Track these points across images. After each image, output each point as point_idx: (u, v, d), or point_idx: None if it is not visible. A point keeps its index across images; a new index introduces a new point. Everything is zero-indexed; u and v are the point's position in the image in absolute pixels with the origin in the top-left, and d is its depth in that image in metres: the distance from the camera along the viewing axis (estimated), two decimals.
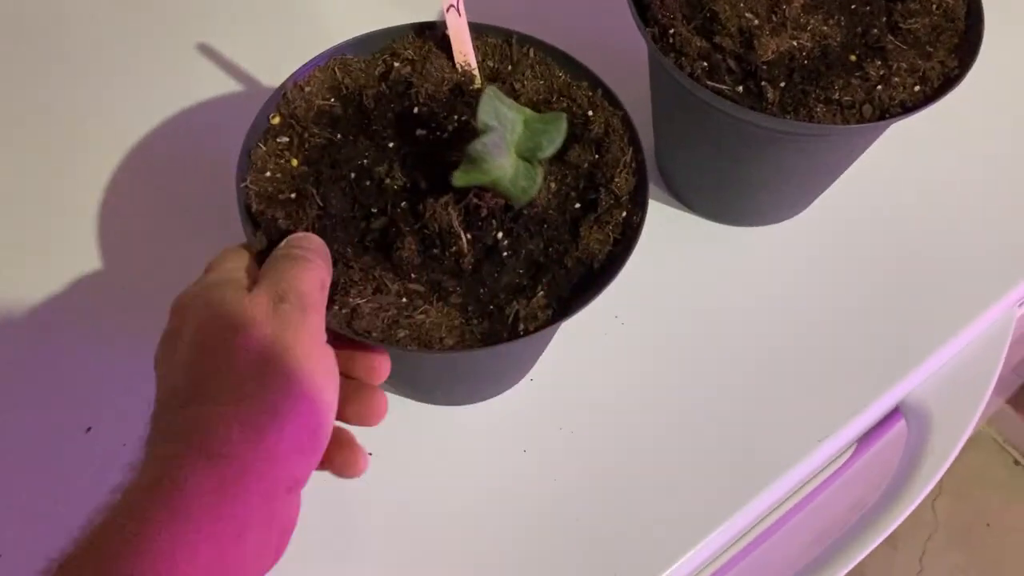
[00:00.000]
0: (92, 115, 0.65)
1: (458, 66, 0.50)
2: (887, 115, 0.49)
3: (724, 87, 0.50)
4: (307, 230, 0.43)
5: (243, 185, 0.44)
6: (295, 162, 0.46)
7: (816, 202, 0.62)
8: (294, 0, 0.72)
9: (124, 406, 0.53)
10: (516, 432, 0.54)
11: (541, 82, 0.49)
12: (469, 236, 0.44)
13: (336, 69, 0.49)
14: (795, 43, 0.51)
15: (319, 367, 0.36)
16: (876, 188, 0.63)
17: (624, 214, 0.45)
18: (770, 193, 0.58)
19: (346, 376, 0.41)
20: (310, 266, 0.39)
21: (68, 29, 0.70)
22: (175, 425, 0.34)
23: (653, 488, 0.52)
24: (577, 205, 0.46)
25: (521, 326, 0.41)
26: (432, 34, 0.50)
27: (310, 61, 0.49)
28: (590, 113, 0.48)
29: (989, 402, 1.38)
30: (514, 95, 0.48)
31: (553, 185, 0.46)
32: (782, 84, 0.50)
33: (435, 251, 0.44)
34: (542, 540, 0.50)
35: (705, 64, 0.50)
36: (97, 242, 0.59)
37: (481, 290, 0.43)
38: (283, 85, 0.48)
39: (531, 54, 0.50)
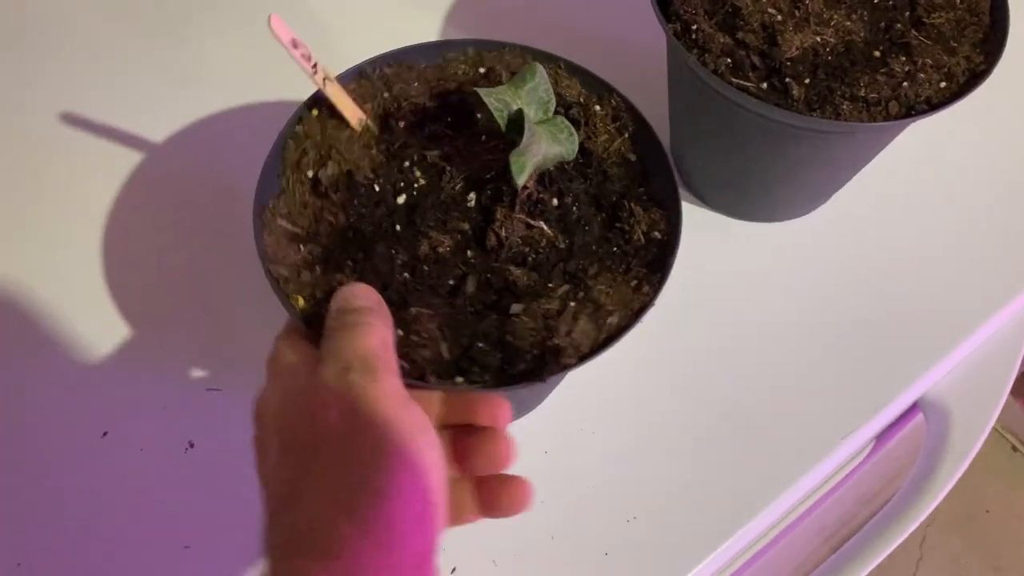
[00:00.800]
0: (96, 127, 0.64)
1: (349, 120, 0.46)
2: (913, 112, 0.49)
3: (749, 84, 0.49)
4: None
5: (268, 267, 0.41)
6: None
7: (835, 198, 0.61)
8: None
9: (140, 411, 0.53)
10: (538, 433, 0.53)
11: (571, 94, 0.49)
12: (541, 223, 0.43)
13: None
14: (819, 39, 0.51)
15: (408, 428, 0.33)
16: (895, 184, 0.63)
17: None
18: (790, 189, 0.57)
19: (470, 424, 0.39)
20: (366, 329, 0.36)
21: (75, 37, 0.69)
22: (285, 534, 0.33)
23: (676, 488, 0.52)
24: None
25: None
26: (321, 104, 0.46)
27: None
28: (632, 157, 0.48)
29: None
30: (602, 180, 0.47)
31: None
32: (807, 81, 0.49)
33: (531, 258, 0.43)
34: (565, 543, 0.50)
35: (729, 61, 0.50)
36: (101, 257, 0.58)
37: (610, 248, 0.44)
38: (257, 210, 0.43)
39: (559, 69, 0.49)
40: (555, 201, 0.44)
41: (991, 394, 0.58)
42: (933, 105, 0.49)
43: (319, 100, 0.46)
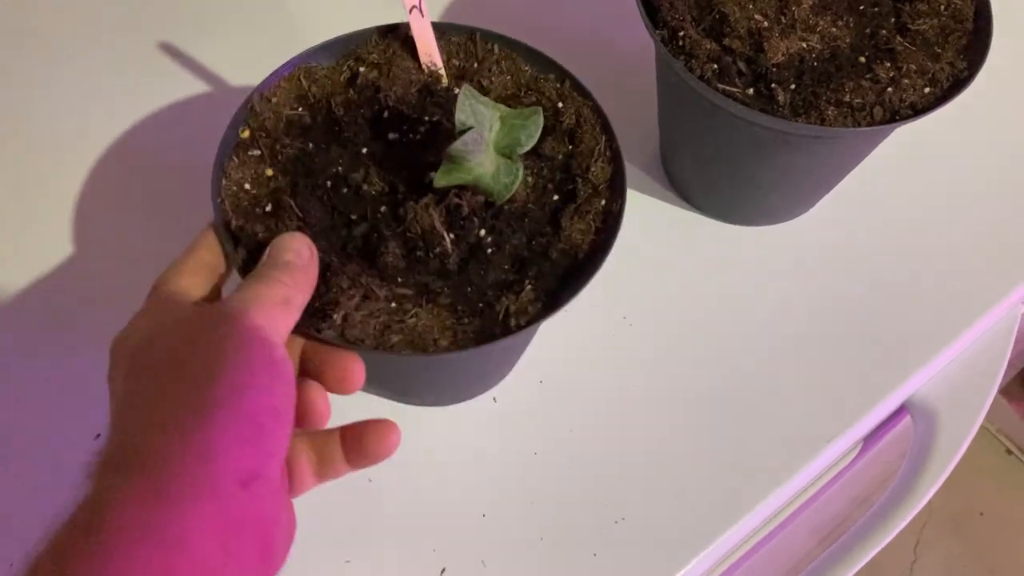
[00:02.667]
0: (63, 116, 0.65)
1: (424, 67, 0.49)
2: (897, 117, 0.49)
3: (735, 90, 0.50)
4: None
5: (219, 201, 0.43)
6: (270, 172, 0.45)
7: (822, 201, 0.62)
8: (269, 3, 0.72)
9: None
10: (527, 435, 0.54)
11: (508, 77, 0.49)
12: (452, 236, 0.43)
13: (301, 78, 0.48)
14: (804, 45, 0.51)
15: (248, 356, 0.33)
16: (882, 187, 0.64)
17: (603, 202, 0.45)
18: (778, 193, 0.58)
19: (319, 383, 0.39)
20: (275, 285, 0.37)
21: (38, 25, 0.69)
22: (104, 453, 0.32)
23: (661, 491, 0.52)
24: (555, 197, 0.46)
25: (512, 321, 0.41)
26: (395, 36, 0.50)
27: (274, 71, 0.48)
28: (560, 105, 0.48)
29: None
30: (482, 92, 0.48)
31: (530, 179, 0.46)
32: (792, 86, 0.50)
33: (419, 254, 0.43)
34: (554, 544, 0.50)
35: (715, 67, 0.50)
36: (74, 242, 0.59)
37: (468, 289, 0.43)
38: (249, 98, 0.47)
39: (495, 50, 0.50)
40: (481, 232, 0.44)
41: (978, 396, 0.59)
42: (917, 110, 0.49)
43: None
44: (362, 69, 0.49)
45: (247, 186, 0.44)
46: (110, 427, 0.33)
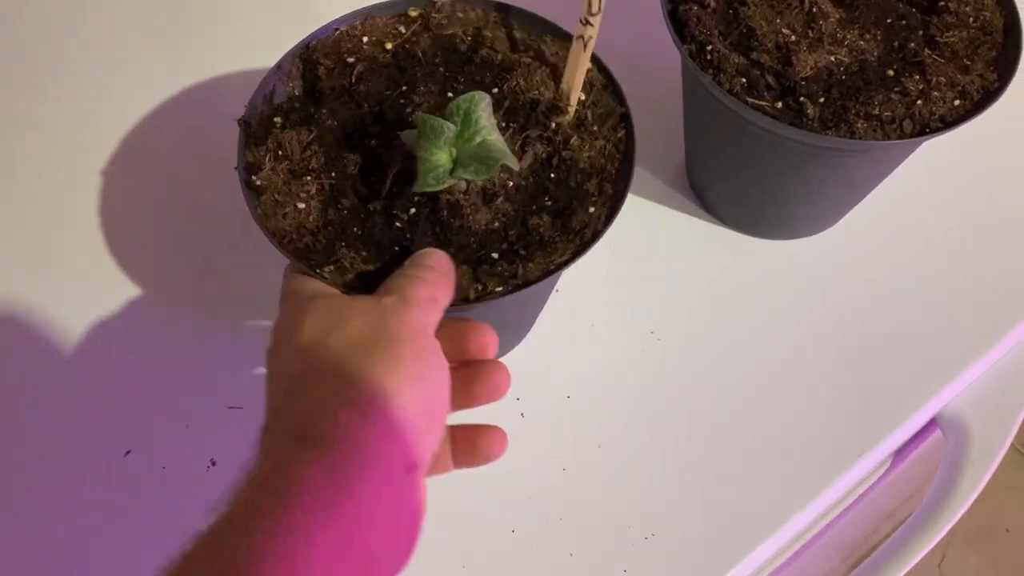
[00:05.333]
0: (88, 98, 0.66)
1: (560, 90, 0.49)
2: (927, 130, 0.49)
3: (764, 103, 0.49)
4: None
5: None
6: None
7: (849, 215, 0.62)
8: None
9: (162, 429, 0.53)
10: (555, 450, 0.53)
11: (598, 159, 0.47)
12: (394, 189, 0.45)
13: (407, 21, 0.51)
14: (833, 58, 0.51)
15: (422, 349, 0.36)
16: (909, 200, 0.63)
17: (499, 289, 0.43)
18: (805, 206, 0.58)
19: (463, 361, 0.41)
20: (421, 283, 0.39)
21: (49, 18, 0.71)
22: (284, 419, 0.34)
23: (691, 507, 0.52)
24: (494, 255, 0.44)
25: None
26: (544, 41, 0.51)
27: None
28: (591, 210, 0.46)
29: None
30: (566, 145, 0.47)
31: (496, 224, 0.45)
32: (821, 100, 0.50)
33: (371, 178, 0.46)
34: (584, 560, 0.50)
35: (744, 80, 0.50)
36: (108, 248, 0.59)
37: (354, 226, 0.45)
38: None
39: (618, 134, 0.48)
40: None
41: (1009, 410, 0.58)
42: (947, 123, 0.49)
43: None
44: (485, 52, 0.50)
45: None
46: (280, 397, 0.36)
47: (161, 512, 0.51)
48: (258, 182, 0.45)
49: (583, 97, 0.49)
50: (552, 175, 0.47)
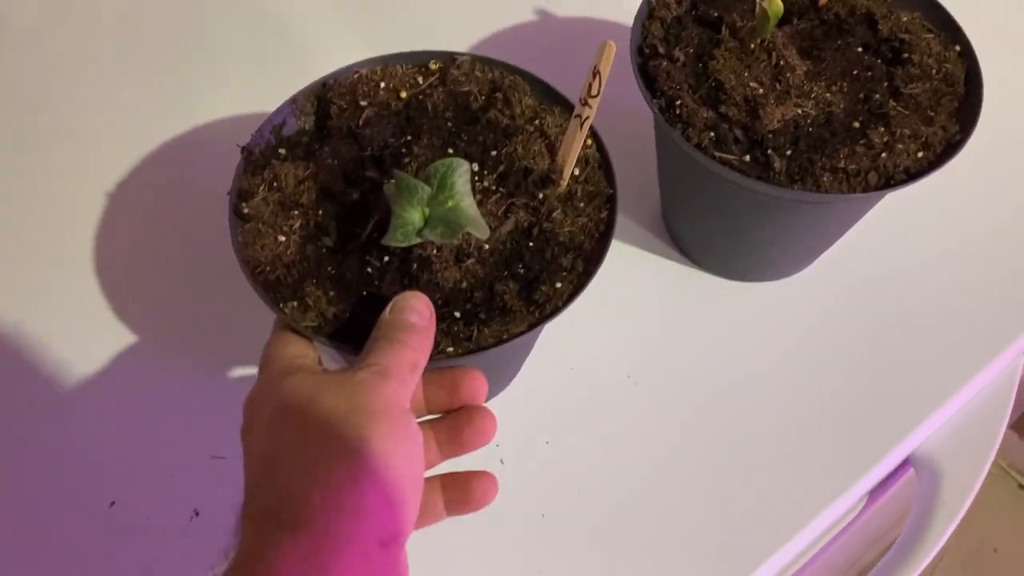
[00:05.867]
0: (86, 138, 0.68)
1: (555, 163, 0.50)
2: (892, 182, 0.50)
3: (732, 157, 0.51)
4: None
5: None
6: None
7: (824, 256, 0.63)
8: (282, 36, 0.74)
9: (146, 480, 0.54)
10: (534, 497, 0.54)
11: (578, 235, 0.48)
12: (374, 235, 0.46)
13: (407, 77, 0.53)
14: (800, 111, 0.53)
15: (394, 423, 0.36)
16: (879, 243, 0.64)
17: (451, 349, 0.44)
18: (776, 252, 0.59)
19: (448, 409, 0.43)
20: (402, 348, 0.39)
21: (60, 56, 0.72)
22: (259, 500, 0.35)
23: (665, 549, 0.53)
24: (457, 314, 0.45)
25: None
26: (544, 107, 0.52)
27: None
28: (557, 285, 0.46)
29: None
30: (549, 218, 0.48)
31: (464, 284, 0.46)
32: (788, 152, 0.51)
33: (356, 220, 0.47)
34: None
35: (712, 134, 0.51)
36: (100, 293, 0.60)
37: (328, 265, 0.46)
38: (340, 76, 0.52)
39: (602, 214, 0.49)
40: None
41: (981, 449, 0.59)
42: (911, 174, 0.50)
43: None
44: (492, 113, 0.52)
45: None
46: (255, 478, 0.36)
47: (145, 564, 0.51)
48: (246, 210, 0.47)
49: (577, 172, 0.50)
50: (530, 244, 0.48)
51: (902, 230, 0.65)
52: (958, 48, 0.55)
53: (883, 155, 0.50)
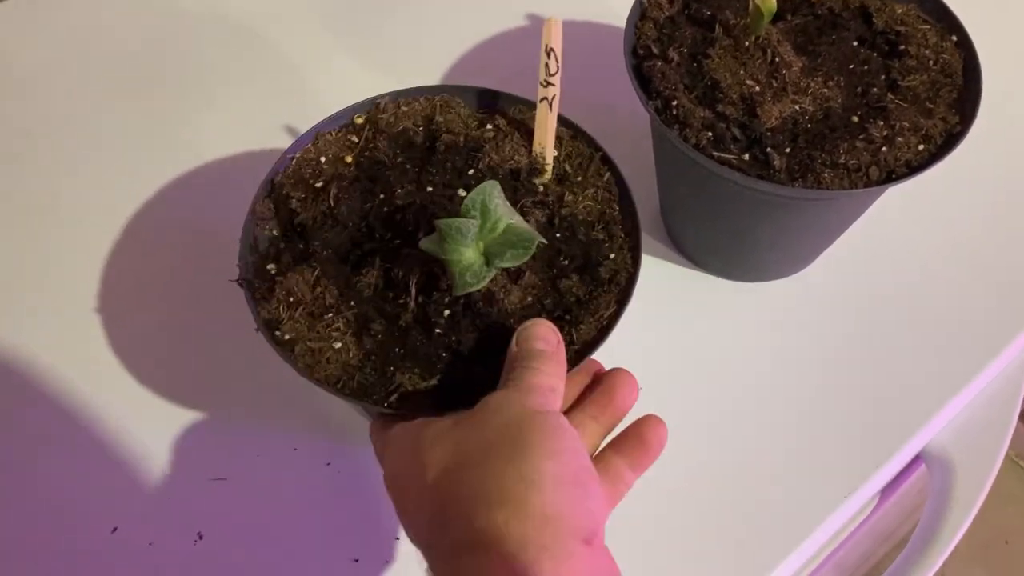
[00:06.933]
0: (89, 186, 0.67)
1: (534, 153, 0.50)
2: (893, 176, 0.50)
3: (730, 156, 0.50)
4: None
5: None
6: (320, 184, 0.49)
7: (826, 253, 0.62)
8: (286, 73, 0.73)
9: (148, 504, 0.53)
10: None
11: (595, 206, 0.49)
12: (420, 298, 0.44)
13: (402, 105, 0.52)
14: (797, 107, 0.52)
15: (547, 425, 0.36)
16: (883, 238, 0.64)
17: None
18: (778, 252, 0.58)
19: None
20: (538, 375, 0.39)
21: (64, 94, 0.71)
22: (444, 542, 0.35)
23: (678, 553, 0.52)
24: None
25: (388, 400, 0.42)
26: (515, 110, 0.52)
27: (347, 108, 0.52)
28: (611, 256, 0.47)
29: None
30: (561, 203, 0.48)
31: (529, 299, 0.45)
32: (787, 150, 0.50)
33: (390, 294, 0.45)
34: None
35: (710, 134, 0.51)
36: (100, 310, 0.59)
37: (395, 347, 0.44)
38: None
39: (604, 177, 0.50)
40: (445, 312, 0.45)
41: (992, 442, 0.59)
42: (912, 168, 0.50)
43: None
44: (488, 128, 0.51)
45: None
46: (435, 528, 0.36)
47: None
48: (285, 336, 0.44)
49: (556, 153, 0.50)
50: (558, 235, 0.47)
51: (905, 224, 0.65)
52: (955, 38, 0.55)
53: (883, 149, 0.50)
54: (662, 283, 0.62)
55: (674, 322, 0.61)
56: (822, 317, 0.61)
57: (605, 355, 0.58)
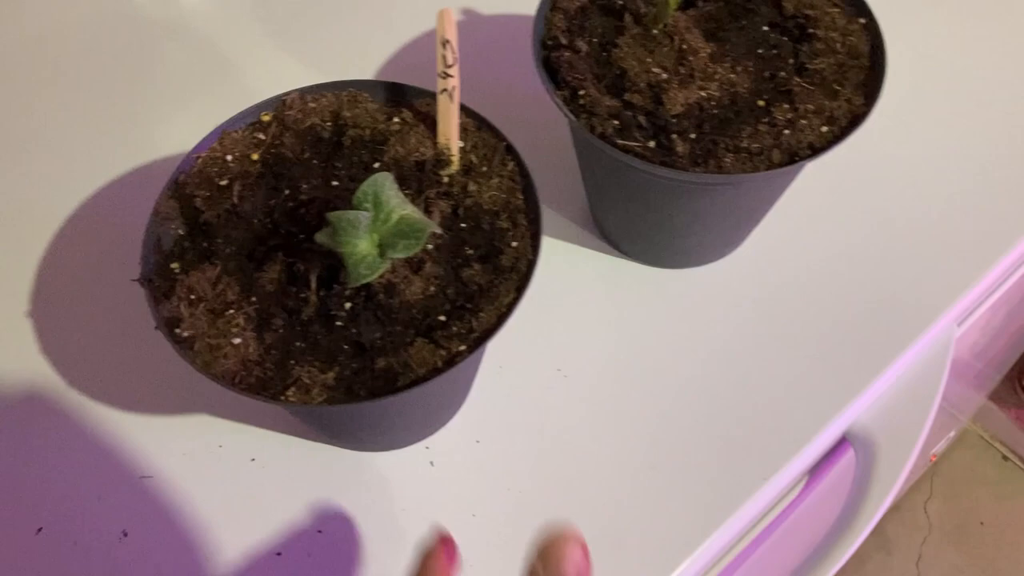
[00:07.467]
0: (26, 185, 0.67)
1: (439, 145, 0.50)
2: (796, 158, 0.50)
3: (635, 144, 0.50)
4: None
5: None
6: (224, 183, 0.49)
7: (755, 235, 0.63)
8: (226, 75, 0.73)
9: (74, 503, 0.54)
10: (463, 496, 0.54)
11: (500, 195, 0.49)
12: (321, 292, 0.45)
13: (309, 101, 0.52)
14: (704, 93, 0.52)
15: None
16: (808, 219, 0.64)
17: (463, 347, 0.44)
18: (698, 237, 0.59)
19: None
20: None
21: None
22: None
23: (602, 544, 0.52)
24: (442, 318, 0.45)
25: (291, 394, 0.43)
26: (420, 103, 0.52)
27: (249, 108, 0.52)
28: (514, 244, 0.47)
29: (971, 400, 1.38)
30: (466, 193, 0.49)
31: (432, 289, 0.46)
32: (692, 136, 0.51)
33: (292, 289, 0.45)
34: None
35: (616, 122, 0.51)
36: (35, 333, 0.60)
37: (296, 340, 0.44)
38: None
39: (509, 167, 0.50)
40: (348, 306, 0.45)
41: (916, 420, 0.59)
42: (816, 150, 0.50)
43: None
44: (394, 122, 0.52)
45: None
46: None
47: None
48: (184, 334, 0.44)
49: (462, 144, 0.50)
50: (463, 225, 0.48)
51: (829, 205, 0.65)
52: (862, 20, 0.55)
53: (786, 132, 0.50)
54: (587, 272, 0.63)
55: (598, 310, 0.61)
56: (747, 301, 0.61)
57: (534, 349, 0.59)
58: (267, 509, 0.54)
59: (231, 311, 0.45)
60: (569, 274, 0.63)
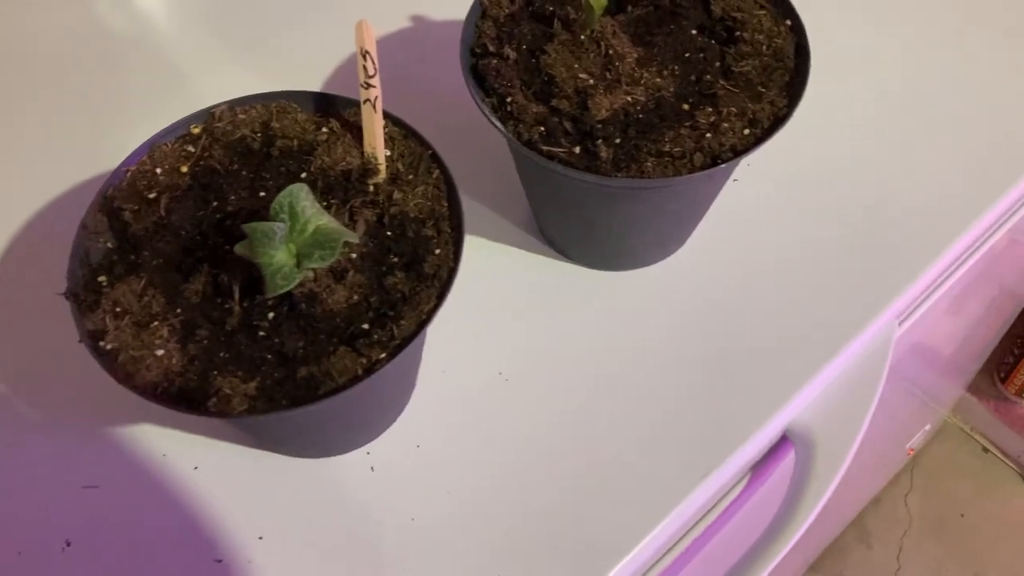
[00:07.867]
0: None
1: (366, 154, 0.51)
2: (719, 161, 0.51)
3: (560, 150, 0.51)
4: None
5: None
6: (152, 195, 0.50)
7: (695, 236, 0.63)
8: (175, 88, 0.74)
9: (16, 513, 0.54)
10: (403, 500, 0.55)
11: (425, 203, 0.50)
12: (245, 302, 0.46)
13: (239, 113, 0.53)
14: (629, 99, 0.53)
15: None
16: (746, 219, 0.65)
17: (384, 355, 0.45)
18: (633, 240, 0.59)
19: None
20: None
21: None
22: None
23: (540, 546, 0.53)
24: (365, 326, 0.46)
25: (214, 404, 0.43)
26: (347, 113, 0.53)
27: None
28: (437, 251, 0.48)
29: (950, 392, 1.38)
30: (391, 201, 0.50)
31: (356, 297, 0.47)
32: (617, 141, 0.51)
33: (218, 300, 0.46)
34: None
35: (542, 129, 0.52)
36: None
37: (220, 351, 0.45)
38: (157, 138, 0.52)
39: (434, 175, 0.51)
40: (271, 316, 0.46)
41: (855, 417, 0.60)
42: (738, 152, 0.51)
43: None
44: (321, 133, 0.52)
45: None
46: None
47: None
48: (108, 346, 0.45)
49: (389, 153, 0.51)
50: (388, 233, 0.49)
51: (769, 206, 0.66)
52: (789, 22, 0.56)
53: (708, 135, 0.51)
54: (529, 276, 0.63)
55: (538, 313, 0.62)
56: (687, 301, 0.62)
57: (476, 353, 0.60)
58: (209, 517, 0.54)
59: (156, 323, 0.46)
60: (511, 278, 0.63)
